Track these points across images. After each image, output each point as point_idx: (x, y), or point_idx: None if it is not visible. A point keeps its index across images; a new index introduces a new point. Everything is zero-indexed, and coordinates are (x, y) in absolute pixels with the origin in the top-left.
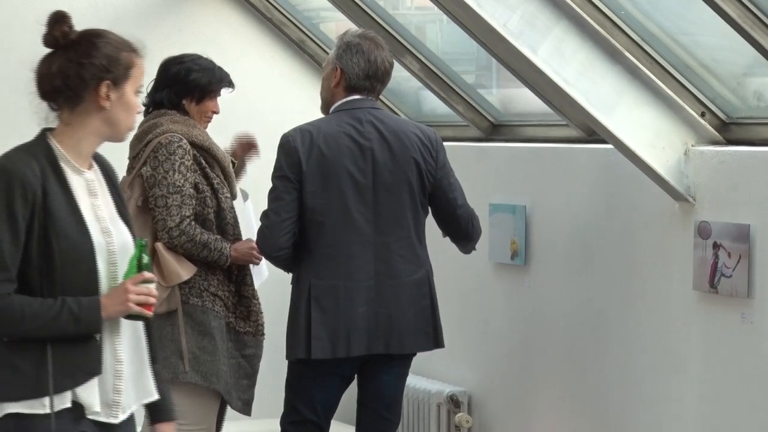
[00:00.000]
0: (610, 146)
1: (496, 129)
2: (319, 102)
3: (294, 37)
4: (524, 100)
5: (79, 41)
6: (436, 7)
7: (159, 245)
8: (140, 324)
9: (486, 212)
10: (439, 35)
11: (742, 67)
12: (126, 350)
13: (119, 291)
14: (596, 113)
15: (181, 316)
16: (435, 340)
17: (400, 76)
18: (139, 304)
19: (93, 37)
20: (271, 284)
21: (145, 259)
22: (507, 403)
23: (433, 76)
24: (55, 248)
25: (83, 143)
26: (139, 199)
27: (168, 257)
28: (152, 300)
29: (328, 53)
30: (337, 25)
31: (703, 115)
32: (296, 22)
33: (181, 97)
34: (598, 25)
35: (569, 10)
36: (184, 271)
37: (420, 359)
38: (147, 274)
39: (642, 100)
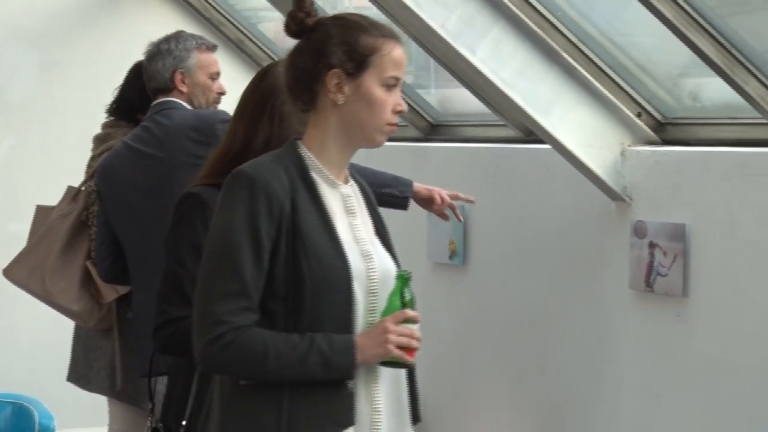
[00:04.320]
0: (547, 146)
1: (434, 129)
2: None
3: (232, 37)
4: (463, 101)
5: (315, 27)
6: (374, 7)
7: (89, 263)
8: (402, 372)
9: (425, 212)
10: None
11: (677, 68)
12: (385, 399)
13: (377, 330)
14: (534, 113)
15: (117, 334)
16: None
17: None
18: (401, 348)
19: (330, 20)
20: None
21: (408, 294)
22: (446, 401)
23: None
24: (305, 273)
25: (330, 149)
26: (83, 213)
27: None
28: (415, 344)
29: (266, 53)
30: (275, 25)
31: (639, 115)
32: (235, 22)
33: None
34: (536, 25)
35: (507, 10)
36: (121, 286)
37: None
38: (410, 313)
39: (579, 101)
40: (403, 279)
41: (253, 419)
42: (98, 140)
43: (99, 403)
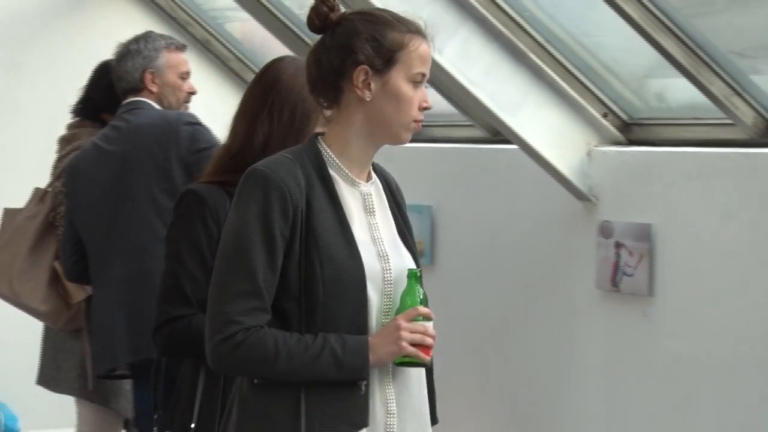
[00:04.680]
0: (514, 147)
1: None
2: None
3: (199, 37)
4: (430, 101)
5: (340, 22)
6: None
7: (57, 264)
8: (421, 371)
9: None
10: None
11: (643, 69)
12: (402, 401)
13: (390, 329)
14: (501, 114)
15: (87, 334)
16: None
17: None
18: (414, 345)
19: (356, 15)
20: None
21: (421, 292)
22: None
23: None
24: (318, 274)
25: (352, 146)
26: (50, 214)
27: None
28: (429, 341)
29: (233, 53)
30: (242, 25)
31: (605, 115)
32: (201, 22)
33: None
34: (503, 26)
35: (474, 11)
36: (90, 286)
37: None
38: (423, 309)
39: (546, 101)
40: (415, 276)
41: (268, 419)
42: (64, 141)
43: (66, 404)
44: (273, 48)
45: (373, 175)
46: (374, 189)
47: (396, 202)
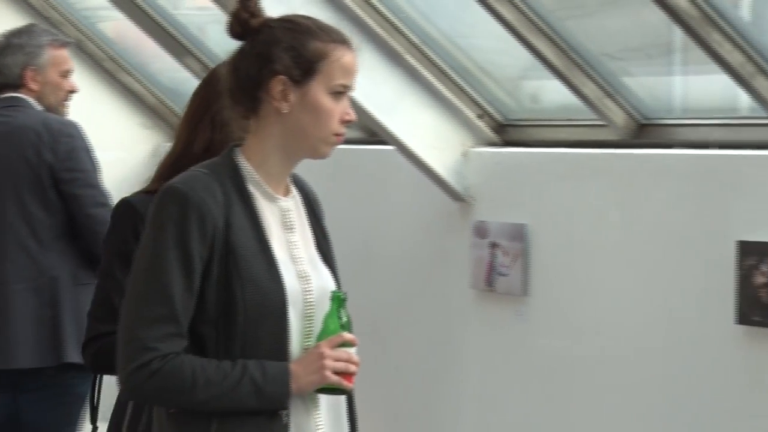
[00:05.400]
0: (390, 147)
1: None
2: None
3: (72, 37)
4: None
5: (261, 29)
6: (217, 7)
7: None
8: (342, 398)
9: None
10: (222, 36)
11: (518, 70)
12: (325, 429)
13: (313, 356)
14: (377, 115)
15: None
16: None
17: (181, 77)
18: (338, 373)
19: (277, 22)
20: None
21: (345, 316)
22: None
23: None
24: (238, 296)
25: (270, 160)
26: None
27: None
28: (353, 368)
29: (106, 53)
30: (115, 24)
31: (480, 117)
32: (74, 22)
33: None
34: (379, 27)
35: (350, 12)
36: None
37: None
38: (348, 336)
39: (422, 102)
40: (339, 300)
41: None
42: None
43: None
44: (147, 48)
45: (292, 188)
46: (293, 204)
47: (315, 216)
